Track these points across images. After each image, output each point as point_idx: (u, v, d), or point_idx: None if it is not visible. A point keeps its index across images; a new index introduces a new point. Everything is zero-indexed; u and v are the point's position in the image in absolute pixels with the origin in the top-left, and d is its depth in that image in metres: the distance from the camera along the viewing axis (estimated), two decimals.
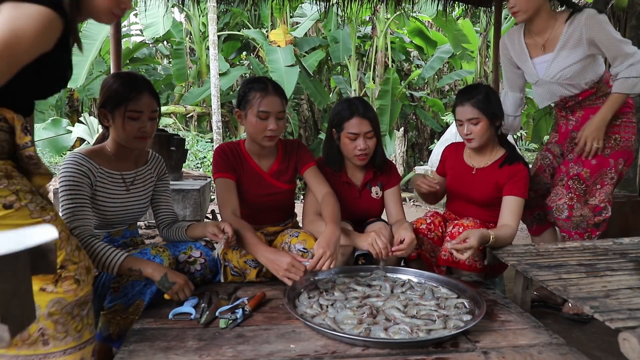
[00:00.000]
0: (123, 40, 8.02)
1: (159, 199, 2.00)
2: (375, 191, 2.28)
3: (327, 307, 1.58)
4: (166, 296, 1.62)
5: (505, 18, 9.00)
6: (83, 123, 8.95)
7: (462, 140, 2.34)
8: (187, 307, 1.59)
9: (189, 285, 1.66)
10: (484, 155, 2.32)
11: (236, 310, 1.55)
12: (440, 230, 2.21)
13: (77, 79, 8.71)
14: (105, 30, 8.43)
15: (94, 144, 1.86)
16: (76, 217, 1.62)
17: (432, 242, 2.18)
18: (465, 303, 1.62)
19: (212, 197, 7.02)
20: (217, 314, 1.54)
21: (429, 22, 11.47)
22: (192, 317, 1.54)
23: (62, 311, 1.24)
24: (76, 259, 1.29)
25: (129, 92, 1.69)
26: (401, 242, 1.92)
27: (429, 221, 2.22)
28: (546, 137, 11.58)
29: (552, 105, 2.57)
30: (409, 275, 1.90)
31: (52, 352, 1.24)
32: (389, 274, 1.91)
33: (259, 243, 1.78)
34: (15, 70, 1.05)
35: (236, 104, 2.05)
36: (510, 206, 2.14)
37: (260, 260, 1.77)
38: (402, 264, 2.21)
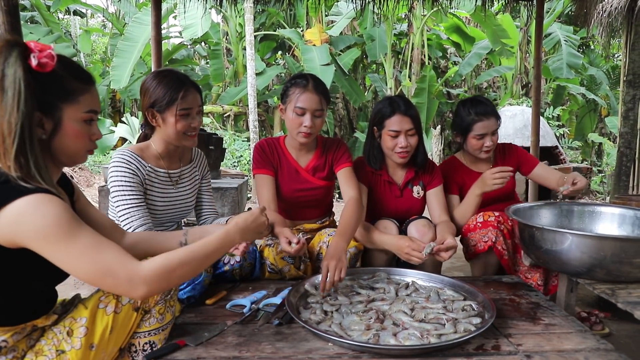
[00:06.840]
0: (162, 42, 8.23)
1: (202, 197, 2.04)
2: (416, 190, 2.25)
3: (332, 312, 1.53)
4: (208, 301, 1.67)
5: (547, 12, 8.72)
6: (125, 123, 9.28)
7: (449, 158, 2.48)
8: (245, 301, 1.64)
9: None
10: (481, 159, 2.36)
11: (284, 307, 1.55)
12: (510, 223, 2.13)
13: (120, 81, 9.03)
14: (146, 33, 8.69)
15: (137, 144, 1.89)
16: (135, 215, 1.68)
17: (504, 235, 2.08)
18: (473, 305, 1.56)
19: (249, 195, 7.12)
20: (261, 305, 1.57)
21: (466, 18, 11.24)
22: (245, 310, 1.59)
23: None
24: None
25: (177, 91, 1.71)
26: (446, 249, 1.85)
27: (497, 214, 2.13)
28: (590, 135, 11.18)
29: None
30: (412, 277, 1.84)
31: (137, 332, 1.31)
32: (392, 276, 1.85)
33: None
34: None
35: (280, 98, 2.07)
36: (545, 171, 2.36)
37: None
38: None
